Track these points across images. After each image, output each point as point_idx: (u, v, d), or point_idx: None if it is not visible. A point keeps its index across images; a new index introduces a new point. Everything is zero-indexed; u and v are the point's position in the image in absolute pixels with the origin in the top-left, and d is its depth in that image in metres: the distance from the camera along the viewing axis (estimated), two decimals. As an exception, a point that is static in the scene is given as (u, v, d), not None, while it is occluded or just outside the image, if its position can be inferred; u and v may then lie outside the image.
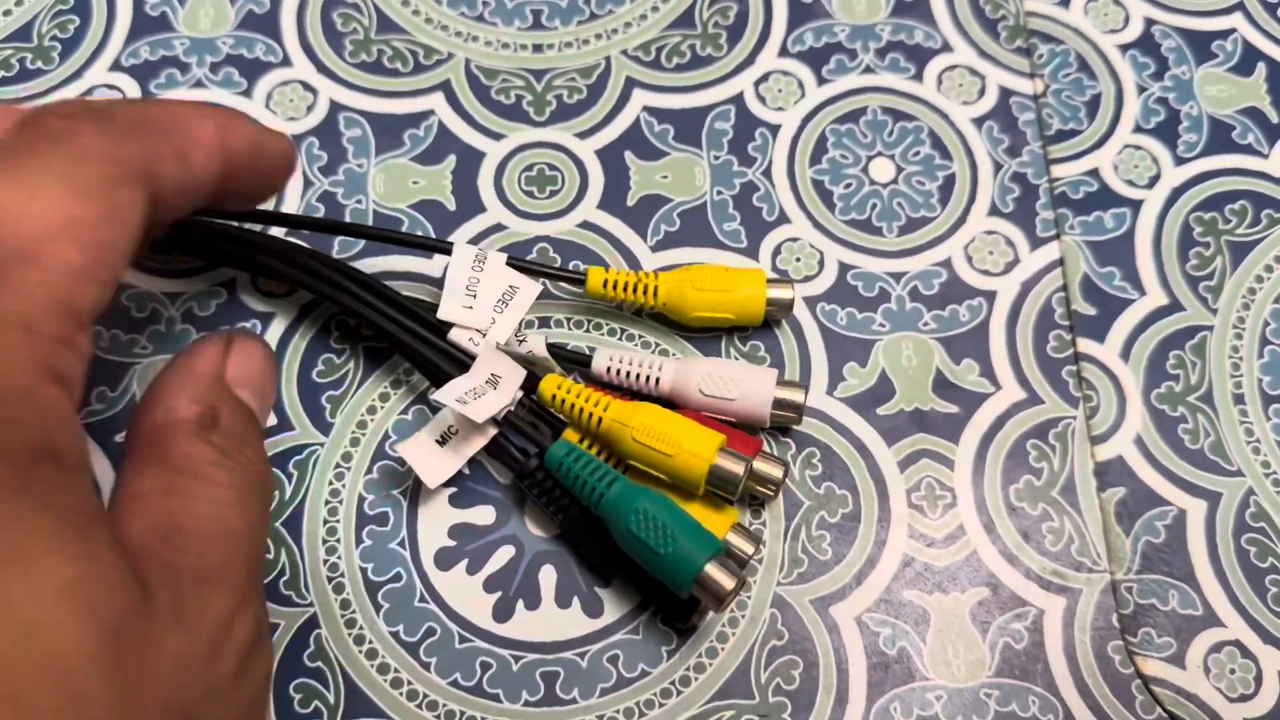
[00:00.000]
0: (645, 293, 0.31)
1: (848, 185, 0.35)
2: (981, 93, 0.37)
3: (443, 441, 0.29)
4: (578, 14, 0.38)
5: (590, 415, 0.29)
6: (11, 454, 0.15)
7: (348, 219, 0.34)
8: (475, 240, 0.34)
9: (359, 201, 0.35)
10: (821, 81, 0.37)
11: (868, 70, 0.37)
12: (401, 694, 0.28)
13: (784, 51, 0.37)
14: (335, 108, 0.36)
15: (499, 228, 0.34)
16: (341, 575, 0.29)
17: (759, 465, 0.29)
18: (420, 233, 0.34)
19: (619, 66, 0.37)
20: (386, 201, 0.35)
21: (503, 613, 0.30)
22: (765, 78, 0.37)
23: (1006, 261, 0.34)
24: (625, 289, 0.31)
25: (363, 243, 0.34)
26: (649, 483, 0.28)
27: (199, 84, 0.36)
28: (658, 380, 0.30)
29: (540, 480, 0.29)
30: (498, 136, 0.36)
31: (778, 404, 0.30)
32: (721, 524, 0.28)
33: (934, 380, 0.33)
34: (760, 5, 0.38)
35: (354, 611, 0.29)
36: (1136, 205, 0.35)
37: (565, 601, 0.30)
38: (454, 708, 0.28)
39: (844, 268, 0.34)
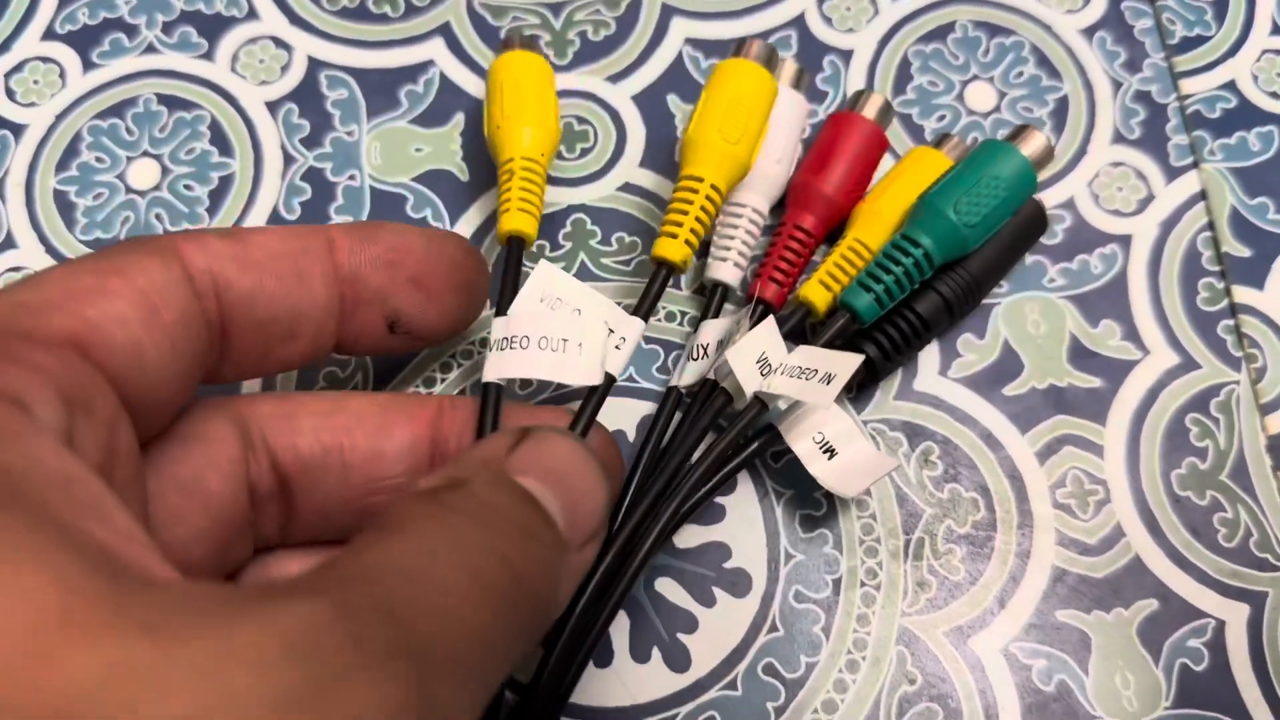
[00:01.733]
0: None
1: (941, 118, 0.30)
2: (1088, -3, 0.31)
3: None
4: (597, -66, 0.32)
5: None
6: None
7: (340, 198, 0.29)
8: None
9: (352, 178, 0.29)
10: (893, -4, 0.31)
11: (950, -21, 0.31)
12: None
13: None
14: (315, 66, 0.30)
15: (525, 198, 0.29)
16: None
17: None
18: (428, 210, 0.28)
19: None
20: (385, 175, 0.29)
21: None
22: (828, -4, 0.31)
23: (1139, 199, 0.29)
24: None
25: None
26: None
27: (150, 48, 0.31)
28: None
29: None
30: (514, 88, 0.30)
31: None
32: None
33: (1069, 349, 0.27)
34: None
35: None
36: (1286, 120, 0.30)
37: (643, 655, 0.24)
38: None
39: (944, 219, 0.28)
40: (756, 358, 0.24)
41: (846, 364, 0.23)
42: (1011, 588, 0.25)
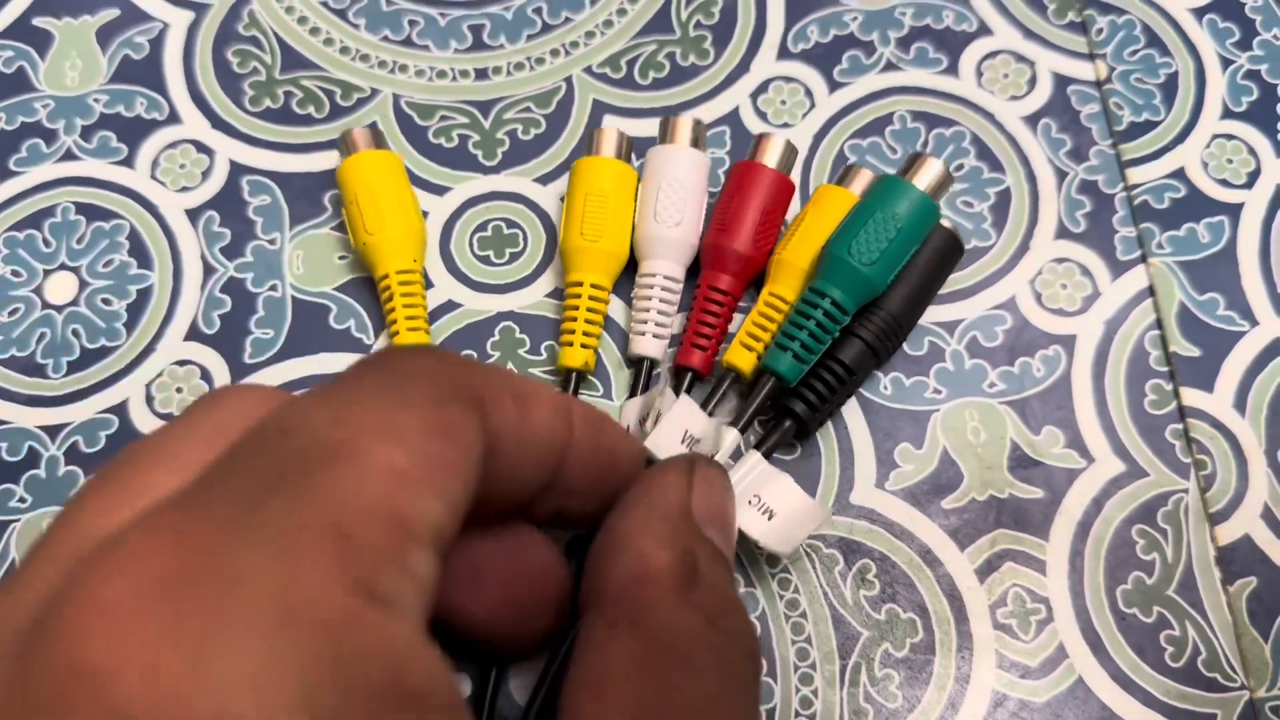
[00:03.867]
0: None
1: (878, 216, 0.30)
2: (1032, 84, 0.31)
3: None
4: (527, 26, 0.32)
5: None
6: (355, 699, 0.12)
7: (260, 309, 0.28)
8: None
9: (274, 288, 0.29)
10: (834, 86, 0.31)
11: (890, 67, 0.31)
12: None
13: (785, 52, 0.31)
14: (237, 170, 0.30)
15: (451, 306, 0.29)
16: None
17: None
18: (351, 320, 0.28)
19: (583, 88, 0.31)
20: (308, 285, 0.29)
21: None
22: (764, 86, 0.31)
23: (1084, 296, 0.29)
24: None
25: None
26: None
27: (69, 155, 0.30)
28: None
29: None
30: (440, 190, 0.30)
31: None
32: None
33: (1010, 457, 0.27)
34: (751, -3, 0.32)
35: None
36: (1235, 210, 0.30)
37: None
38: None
39: (883, 321, 0.28)
40: (680, 438, 0.25)
41: (785, 492, 0.25)
42: (950, 715, 0.25)
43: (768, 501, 0.25)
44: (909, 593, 0.26)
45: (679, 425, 0.25)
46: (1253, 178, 0.30)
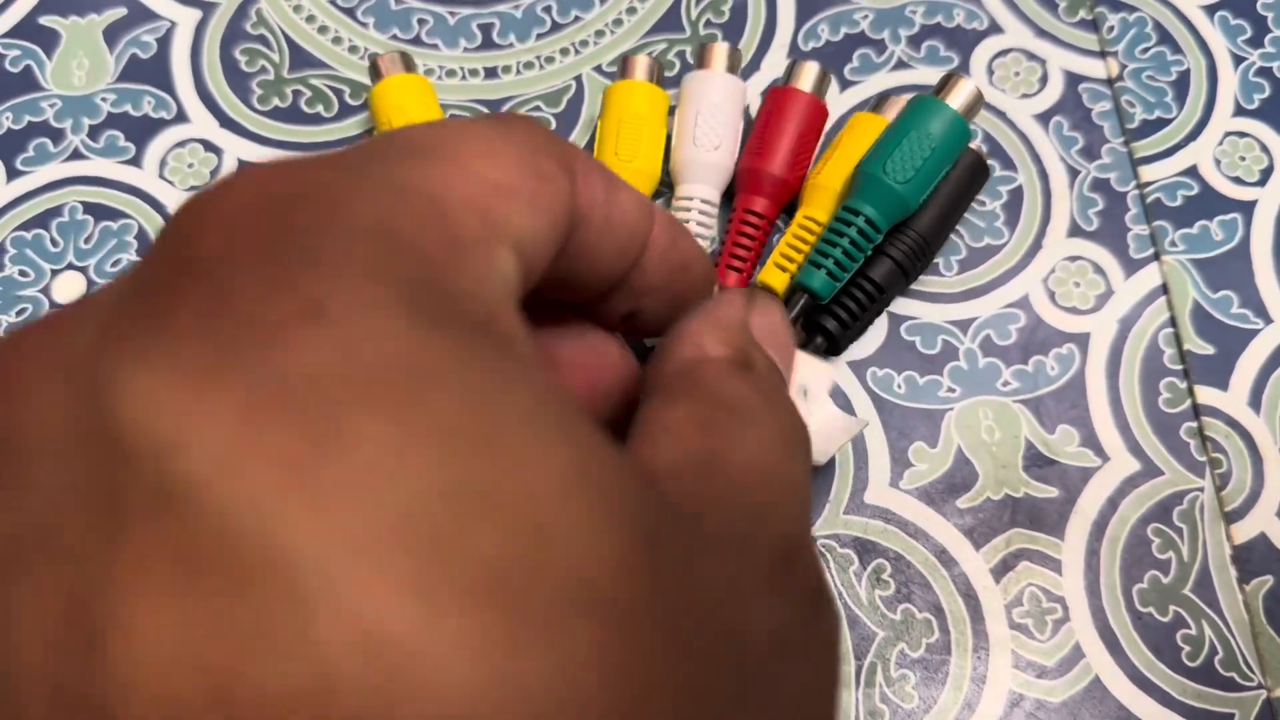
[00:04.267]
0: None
1: (891, 214, 0.30)
2: (1044, 81, 0.31)
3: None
4: (537, 25, 0.32)
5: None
6: (453, 325, 0.12)
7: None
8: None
9: (284, 289, 0.29)
10: (845, 84, 0.31)
11: (900, 65, 0.31)
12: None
13: (795, 51, 0.31)
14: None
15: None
16: None
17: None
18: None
19: (593, 87, 0.31)
20: (319, 285, 0.29)
21: None
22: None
23: (1097, 294, 0.29)
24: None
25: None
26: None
27: (76, 154, 0.30)
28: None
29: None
30: (451, 190, 0.30)
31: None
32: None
33: (1024, 456, 0.27)
34: (761, -5, 0.32)
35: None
36: (1248, 208, 0.30)
37: None
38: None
39: (895, 320, 0.28)
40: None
41: (820, 377, 0.25)
42: (967, 715, 0.25)
43: (810, 395, 0.25)
44: (924, 593, 0.26)
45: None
46: (1266, 175, 0.30)
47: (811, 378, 0.25)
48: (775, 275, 0.27)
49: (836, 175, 0.28)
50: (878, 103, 0.29)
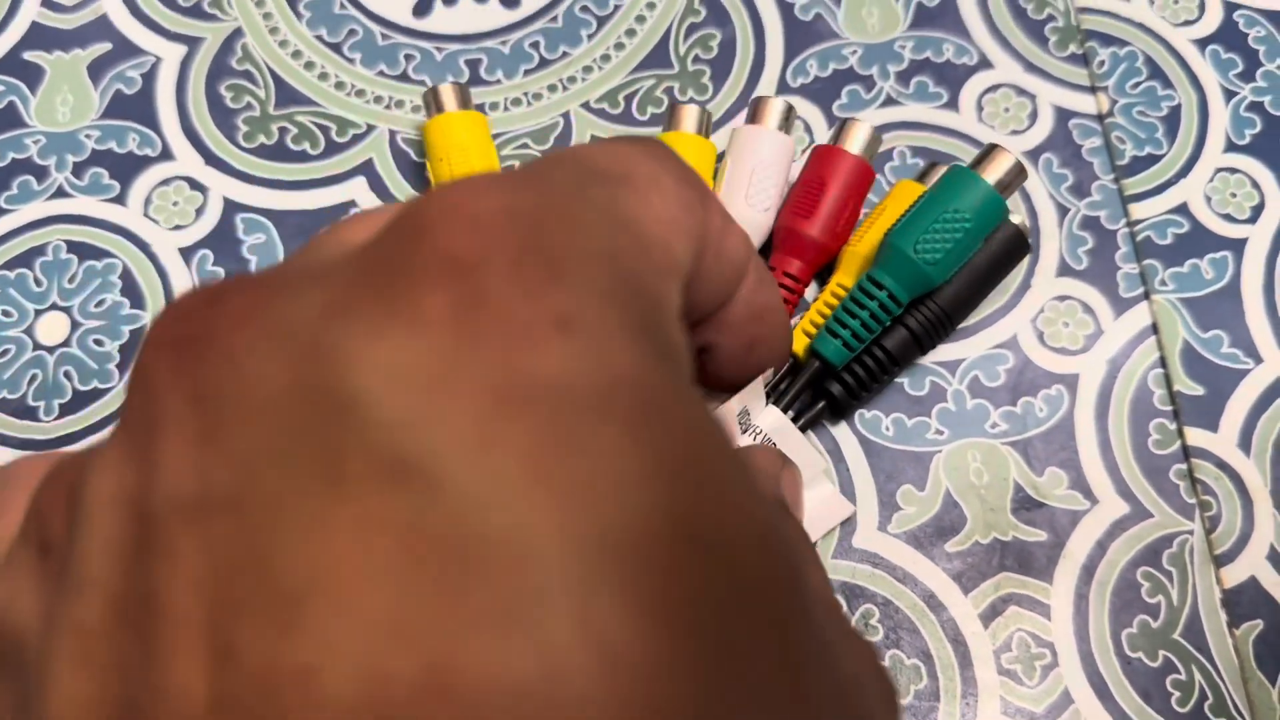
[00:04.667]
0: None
1: (879, 253, 0.29)
2: (1033, 118, 0.31)
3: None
4: (524, 61, 0.32)
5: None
6: (670, 358, 0.13)
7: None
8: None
9: (269, 329, 0.29)
10: (833, 121, 0.31)
11: (890, 101, 0.31)
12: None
13: (784, 87, 0.31)
14: (231, 208, 0.30)
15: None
16: None
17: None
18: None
19: (581, 124, 0.31)
20: (304, 326, 0.29)
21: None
22: (764, 121, 0.31)
23: (1087, 334, 0.29)
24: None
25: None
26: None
27: (60, 192, 0.30)
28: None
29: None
30: (437, 229, 0.30)
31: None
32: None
33: (1013, 499, 0.27)
34: (749, 30, 0.32)
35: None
36: (1239, 245, 0.30)
37: None
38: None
39: (884, 360, 0.28)
40: (738, 411, 0.25)
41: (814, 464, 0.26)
42: (954, 764, 0.25)
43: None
44: (913, 638, 0.26)
45: (739, 402, 0.25)
46: (1256, 212, 0.30)
47: (807, 463, 0.26)
48: (799, 339, 0.27)
49: (875, 246, 0.27)
50: (925, 170, 0.29)
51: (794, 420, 0.26)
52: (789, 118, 0.29)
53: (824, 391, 0.27)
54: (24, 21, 0.32)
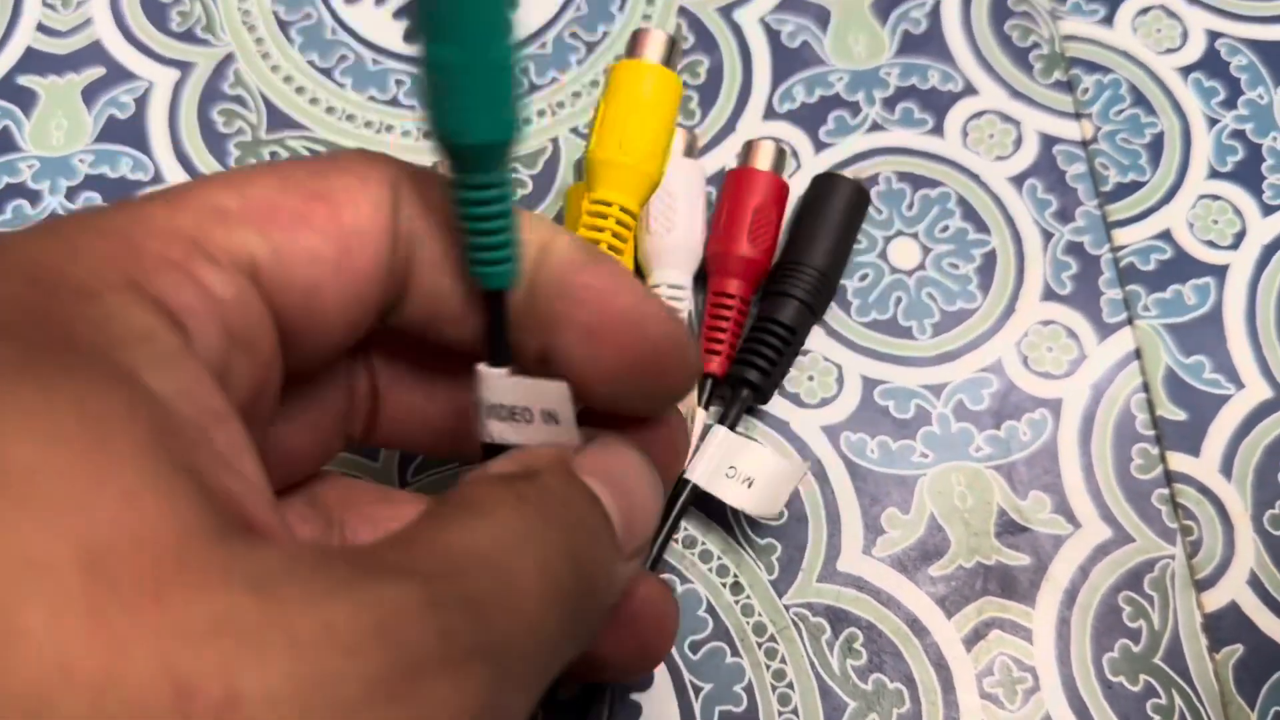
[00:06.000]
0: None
1: (863, 277, 0.30)
2: (1018, 144, 0.32)
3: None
4: (514, 86, 0.32)
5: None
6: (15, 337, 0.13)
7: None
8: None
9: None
10: (820, 146, 0.32)
11: (875, 127, 0.32)
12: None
13: (770, 113, 0.32)
14: (222, 233, 0.30)
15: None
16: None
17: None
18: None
19: (570, 150, 0.31)
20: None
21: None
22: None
23: (1070, 359, 0.29)
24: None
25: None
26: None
27: (53, 217, 0.31)
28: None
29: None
30: (426, 253, 0.30)
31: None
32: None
33: (996, 523, 0.27)
34: (736, 56, 0.33)
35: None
36: (1221, 272, 0.30)
37: None
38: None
39: (869, 384, 0.29)
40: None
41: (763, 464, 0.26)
42: (936, 787, 0.25)
43: (744, 470, 0.26)
44: (896, 662, 0.26)
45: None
46: (1239, 238, 0.31)
47: (740, 457, 0.26)
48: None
49: (608, 146, 0.26)
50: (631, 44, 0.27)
51: (721, 419, 0.27)
52: (692, 143, 0.30)
53: (741, 380, 0.28)
54: (19, 46, 0.33)
